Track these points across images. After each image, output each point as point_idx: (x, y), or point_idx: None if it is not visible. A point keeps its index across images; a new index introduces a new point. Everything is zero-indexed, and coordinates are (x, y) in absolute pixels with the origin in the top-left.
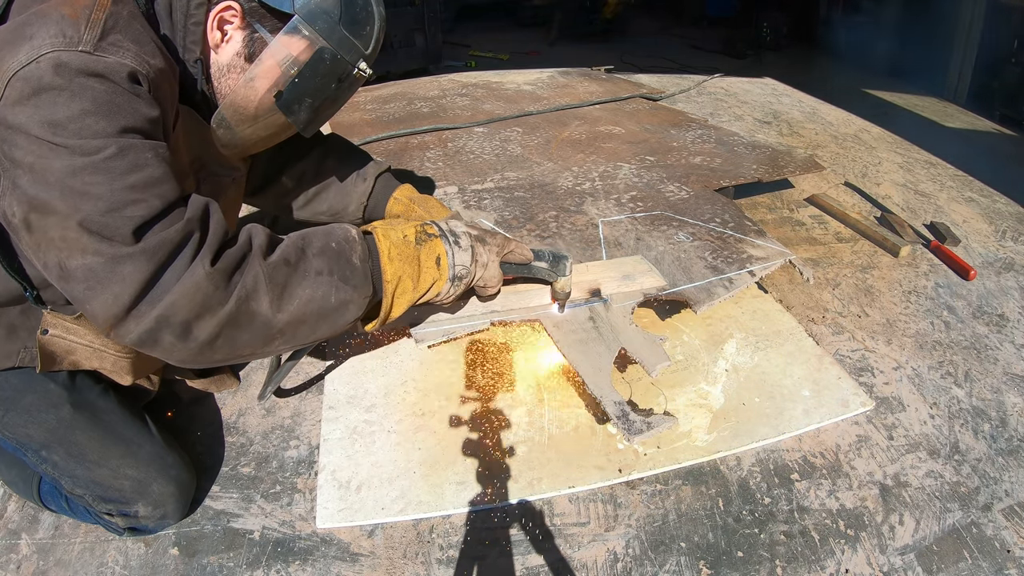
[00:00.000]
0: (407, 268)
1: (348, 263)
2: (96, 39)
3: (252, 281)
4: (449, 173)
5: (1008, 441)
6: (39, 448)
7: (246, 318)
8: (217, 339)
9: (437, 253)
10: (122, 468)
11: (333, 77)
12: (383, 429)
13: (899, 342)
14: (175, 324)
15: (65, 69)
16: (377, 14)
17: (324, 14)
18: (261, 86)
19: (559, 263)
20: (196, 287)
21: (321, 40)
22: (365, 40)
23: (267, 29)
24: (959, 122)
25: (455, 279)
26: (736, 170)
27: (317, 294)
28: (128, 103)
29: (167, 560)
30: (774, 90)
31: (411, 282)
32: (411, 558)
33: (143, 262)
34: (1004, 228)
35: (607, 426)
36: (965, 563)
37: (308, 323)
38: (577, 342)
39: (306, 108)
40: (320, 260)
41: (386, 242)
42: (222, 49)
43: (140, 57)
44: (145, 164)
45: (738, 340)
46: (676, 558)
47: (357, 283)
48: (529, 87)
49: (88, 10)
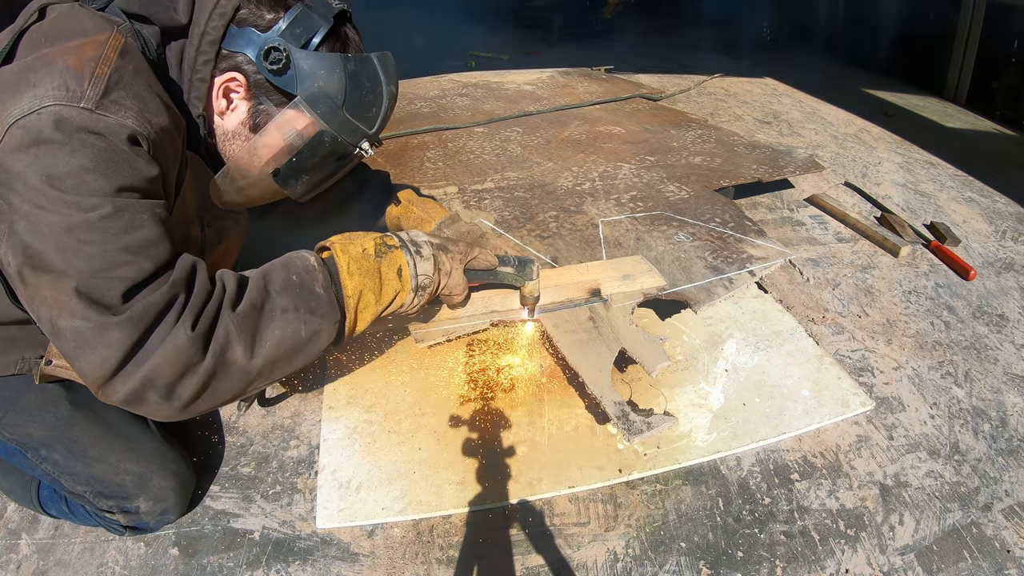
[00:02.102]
0: (368, 282)
1: (312, 294)
2: (99, 96)
3: (224, 335)
4: (449, 173)
5: (1008, 441)
6: (39, 447)
7: (223, 370)
8: (200, 395)
9: (399, 264)
10: (122, 463)
11: (333, 158)
12: (383, 429)
13: (899, 342)
14: (160, 386)
15: (66, 125)
16: (387, 94)
17: (327, 98)
18: (263, 157)
19: (525, 267)
20: (178, 351)
21: (323, 123)
22: (369, 122)
23: (272, 103)
24: (959, 122)
25: (418, 289)
26: (736, 170)
27: (287, 332)
28: (127, 162)
29: (167, 560)
30: (774, 90)
31: (373, 295)
32: (411, 558)
33: (129, 329)
34: (1004, 228)
35: (607, 426)
36: (965, 563)
37: (283, 360)
38: (577, 342)
39: (303, 183)
40: (284, 297)
41: (345, 257)
42: (228, 116)
43: (142, 116)
44: (140, 225)
45: (738, 340)
46: (676, 558)
47: (324, 312)
48: (529, 87)
49: (93, 63)
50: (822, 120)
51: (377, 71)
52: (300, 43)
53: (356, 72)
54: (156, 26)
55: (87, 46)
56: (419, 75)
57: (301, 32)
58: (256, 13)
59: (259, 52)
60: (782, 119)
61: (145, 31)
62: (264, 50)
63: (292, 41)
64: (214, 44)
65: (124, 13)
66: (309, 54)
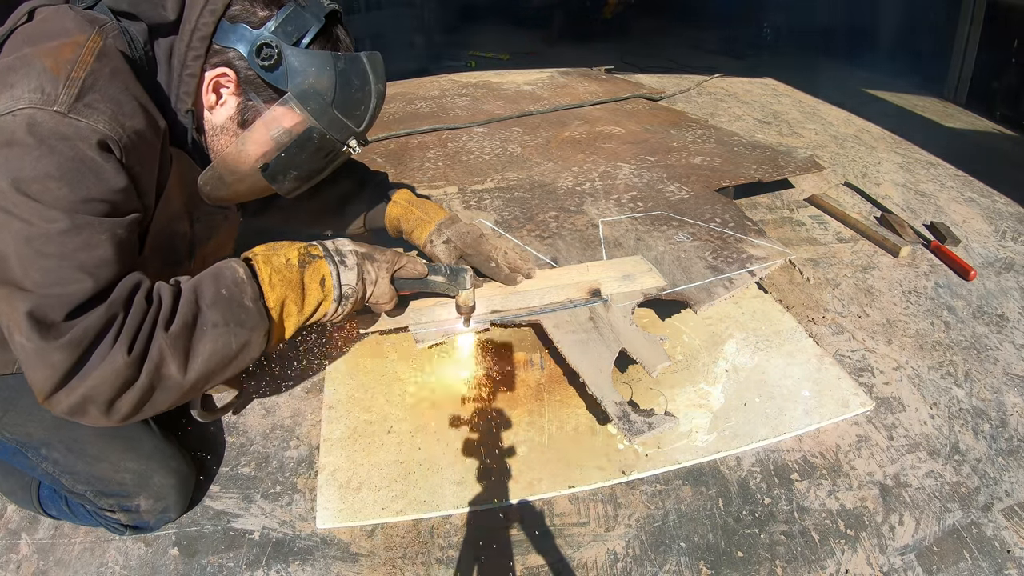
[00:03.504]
0: (290, 292)
1: (240, 306)
2: (72, 100)
3: (159, 354)
4: (449, 173)
5: (1008, 441)
6: (39, 446)
7: (159, 385)
8: (138, 408)
9: (321, 274)
10: (123, 461)
11: (321, 154)
12: (383, 429)
13: (899, 342)
14: (100, 401)
15: (37, 129)
16: (375, 93)
17: (317, 95)
18: (251, 152)
19: (458, 277)
20: (116, 373)
21: (312, 120)
22: (357, 120)
23: (261, 99)
24: (959, 122)
25: (342, 298)
26: (736, 170)
27: (218, 346)
28: (94, 173)
29: (167, 560)
30: (774, 90)
31: (295, 305)
32: (411, 558)
33: (69, 352)
34: (1004, 228)
35: (608, 426)
36: (965, 563)
37: (216, 371)
38: (577, 342)
39: (291, 179)
40: (214, 312)
41: (267, 268)
42: (216, 111)
43: (115, 120)
44: (97, 245)
45: (738, 340)
46: (676, 558)
47: (253, 324)
48: (529, 87)
49: (70, 66)
50: (822, 120)
51: (366, 70)
52: (292, 41)
53: (346, 70)
54: (144, 23)
55: (65, 48)
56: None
57: (293, 30)
58: (249, 10)
59: (251, 48)
60: (782, 119)
61: (132, 28)
62: (256, 46)
63: (284, 39)
64: (204, 40)
65: (112, 11)
66: (300, 51)
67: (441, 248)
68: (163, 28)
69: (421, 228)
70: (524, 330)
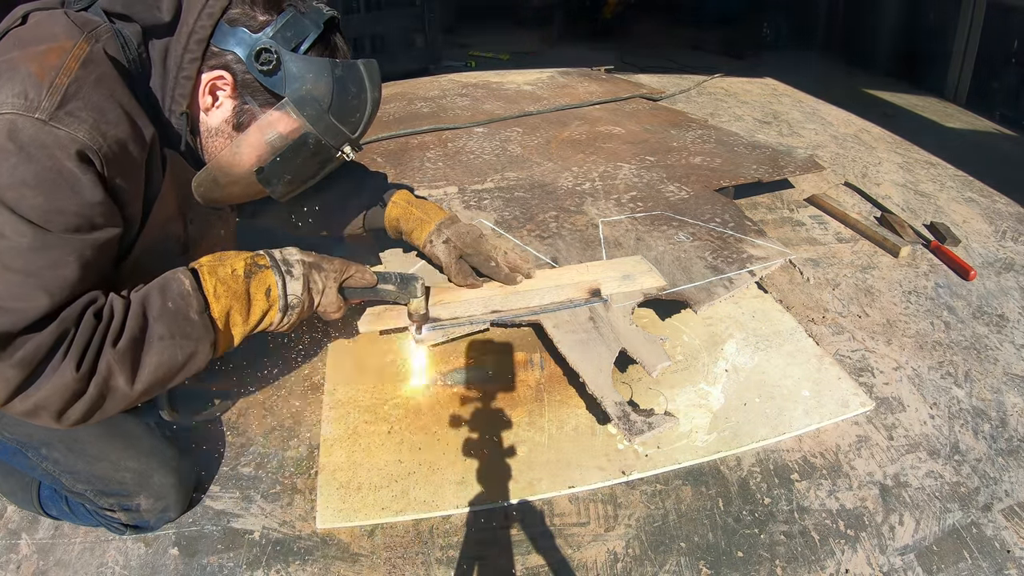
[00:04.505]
0: (235, 303)
1: (186, 319)
2: (54, 107)
3: (106, 368)
4: (449, 173)
5: (1008, 441)
6: (39, 445)
7: (108, 395)
8: (88, 415)
9: (267, 284)
10: (123, 461)
11: (315, 159)
12: (383, 429)
13: (899, 342)
14: (52, 410)
15: (17, 135)
16: (370, 100)
17: (314, 101)
18: (246, 156)
19: (408, 285)
20: (65, 387)
21: (308, 126)
22: (352, 127)
23: (257, 103)
24: (959, 122)
25: (287, 308)
26: (736, 170)
27: (164, 358)
28: (69, 186)
29: (167, 560)
30: (774, 90)
31: (240, 316)
32: (411, 558)
33: (20, 368)
34: (1004, 228)
35: (607, 426)
36: (965, 563)
37: (163, 381)
38: (577, 342)
39: (285, 183)
40: (160, 324)
41: (212, 280)
42: (212, 113)
43: (96, 129)
44: (63, 265)
45: (738, 340)
46: (676, 558)
47: (198, 336)
48: (529, 87)
49: (54, 72)
50: (822, 120)
51: (363, 78)
52: (290, 46)
53: (343, 77)
54: (138, 24)
55: (51, 53)
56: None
57: (292, 35)
58: (249, 14)
59: (250, 52)
60: (782, 119)
61: (127, 30)
62: (256, 51)
63: (283, 44)
64: (201, 43)
65: (106, 13)
66: (299, 57)
67: (441, 248)
68: (158, 29)
69: (420, 228)
70: (524, 330)
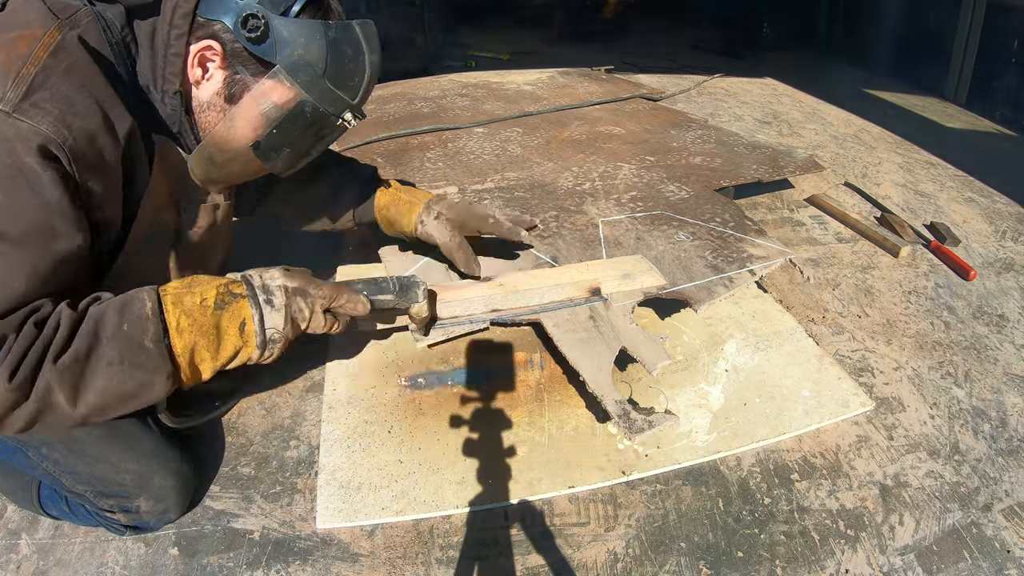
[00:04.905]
0: (200, 339)
1: (140, 347)
2: (18, 99)
3: (45, 385)
4: (449, 173)
5: (1008, 441)
6: (40, 445)
7: (49, 410)
8: (32, 425)
9: (242, 318)
10: (123, 462)
11: (314, 128)
12: (383, 429)
13: (899, 342)
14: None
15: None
16: (368, 63)
17: (307, 66)
18: (241, 129)
19: (408, 291)
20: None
21: (303, 93)
22: (352, 91)
23: (249, 73)
24: (959, 122)
25: (266, 344)
26: (736, 170)
27: (112, 384)
28: (29, 183)
29: (167, 560)
30: (774, 90)
31: (208, 352)
32: (411, 558)
33: None
34: (1004, 228)
35: (607, 426)
36: (965, 563)
37: (112, 407)
38: (577, 341)
39: (284, 156)
40: (111, 348)
41: (176, 311)
42: (203, 86)
43: (62, 121)
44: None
45: (738, 340)
46: (676, 558)
47: (153, 366)
48: (529, 87)
49: (22, 62)
50: (822, 120)
51: (359, 39)
52: (279, 10)
53: (337, 40)
54: (121, 5)
55: (21, 42)
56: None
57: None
58: None
59: (237, 19)
60: (782, 119)
61: (109, 12)
62: (242, 17)
63: (271, 8)
64: (187, 16)
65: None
66: (289, 21)
67: (433, 225)
68: (142, 9)
69: (410, 210)
70: (524, 330)
